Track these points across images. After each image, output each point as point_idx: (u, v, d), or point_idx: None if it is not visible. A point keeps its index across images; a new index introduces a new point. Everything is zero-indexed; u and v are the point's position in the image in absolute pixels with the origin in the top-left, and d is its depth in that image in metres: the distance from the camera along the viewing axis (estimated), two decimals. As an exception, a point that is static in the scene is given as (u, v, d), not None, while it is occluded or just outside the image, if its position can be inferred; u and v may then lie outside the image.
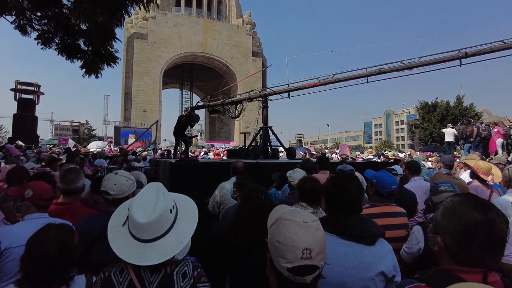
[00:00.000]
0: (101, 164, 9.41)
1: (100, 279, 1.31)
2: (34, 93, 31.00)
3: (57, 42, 7.63)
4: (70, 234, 1.64)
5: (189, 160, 7.08)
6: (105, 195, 2.23)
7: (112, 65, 8.44)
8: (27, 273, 1.46)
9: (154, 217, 1.23)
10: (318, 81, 9.80)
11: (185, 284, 1.30)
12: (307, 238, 1.01)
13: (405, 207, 2.81)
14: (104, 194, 2.22)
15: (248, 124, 14.16)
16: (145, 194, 1.31)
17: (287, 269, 0.99)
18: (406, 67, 8.28)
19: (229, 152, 11.54)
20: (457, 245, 1.07)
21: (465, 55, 7.43)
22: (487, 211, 1.05)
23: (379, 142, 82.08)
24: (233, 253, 2.05)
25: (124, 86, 44.41)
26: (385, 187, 2.53)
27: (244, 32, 52.11)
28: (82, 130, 58.46)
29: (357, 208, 1.79)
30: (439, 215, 1.16)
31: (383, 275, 1.63)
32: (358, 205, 1.80)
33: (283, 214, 1.11)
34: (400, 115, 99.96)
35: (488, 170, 3.63)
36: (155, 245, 1.24)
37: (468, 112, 38.13)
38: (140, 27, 45.27)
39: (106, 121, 45.00)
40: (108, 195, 2.20)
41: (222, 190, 3.80)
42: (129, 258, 1.22)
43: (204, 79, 55.72)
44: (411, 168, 4.22)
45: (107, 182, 2.22)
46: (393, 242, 2.46)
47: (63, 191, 2.60)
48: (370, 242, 1.66)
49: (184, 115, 9.49)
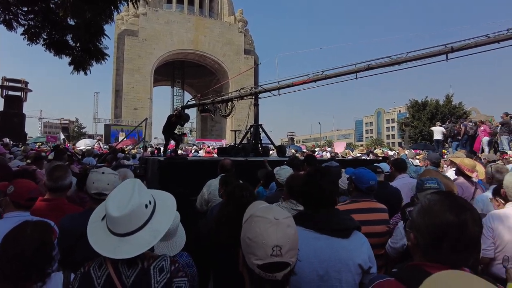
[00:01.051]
0: (89, 162, 9.31)
1: (80, 273, 1.33)
2: (21, 90, 30.49)
3: (45, 37, 7.49)
4: (47, 231, 1.63)
5: (178, 158, 7.05)
6: (99, 197, 2.18)
7: (101, 62, 8.34)
8: (2, 270, 1.45)
9: (127, 211, 1.25)
10: (308, 78, 9.84)
11: (162, 279, 1.31)
12: (278, 235, 1.01)
13: (390, 204, 2.85)
14: (98, 195, 2.18)
15: (239, 122, 14.18)
16: (121, 189, 1.34)
17: (257, 266, 1.00)
18: (395, 62, 8.37)
19: (220, 150, 11.53)
20: (428, 244, 1.10)
21: (451, 49, 7.56)
22: (461, 212, 1.05)
23: (369, 140, 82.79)
24: (216, 250, 2.06)
25: (115, 84, 43.98)
26: (363, 182, 2.57)
27: (236, 30, 51.98)
28: (71, 128, 57.72)
29: (331, 202, 1.82)
30: (415, 212, 1.18)
31: (360, 267, 1.66)
32: (332, 200, 1.83)
33: (256, 211, 1.11)
34: (390, 114, 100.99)
35: (473, 167, 3.71)
36: (129, 239, 1.26)
37: (457, 111, 38.71)
38: (131, 24, 44.82)
39: (96, 118, 44.55)
40: (104, 195, 2.16)
41: (210, 187, 3.80)
42: (105, 252, 1.24)
43: (196, 77, 55.45)
44: (397, 165, 4.27)
45: (99, 183, 2.19)
46: (373, 238, 2.49)
47: (50, 188, 2.57)
48: (345, 235, 1.69)
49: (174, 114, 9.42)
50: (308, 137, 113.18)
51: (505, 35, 6.96)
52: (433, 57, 7.95)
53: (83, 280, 1.31)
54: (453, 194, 1.20)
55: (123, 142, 16.83)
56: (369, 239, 2.43)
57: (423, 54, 8.04)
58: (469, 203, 1.15)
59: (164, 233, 1.34)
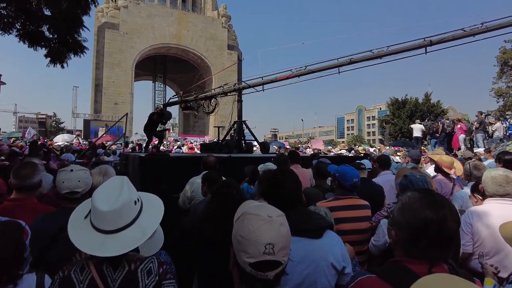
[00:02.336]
0: (68, 158, 9.03)
1: (59, 278, 1.24)
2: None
3: (18, 28, 7.18)
4: (18, 231, 1.54)
5: (160, 154, 6.92)
6: (71, 196, 2.11)
7: (79, 55, 8.09)
8: None
9: (117, 206, 1.19)
10: (291, 73, 9.84)
11: (150, 282, 1.26)
12: (271, 233, 0.99)
13: (373, 200, 2.89)
14: (70, 194, 2.11)
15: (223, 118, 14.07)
16: (109, 184, 1.29)
17: (249, 264, 0.97)
18: (376, 56, 8.49)
19: (203, 147, 11.42)
20: (407, 240, 1.13)
21: (430, 43, 7.74)
22: (439, 209, 1.09)
23: (351, 137, 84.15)
24: (201, 248, 2.03)
25: (94, 78, 42.73)
26: (347, 179, 2.58)
27: (219, 25, 51.48)
28: (49, 123, 55.86)
29: (297, 202, 1.78)
30: (396, 209, 1.22)
31: (333, 268, 1.63)
32: (298, 199, 1.80)
33: (248, 208, 1.09)
34: (371, 111, 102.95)
35: (451, 164, 3.80)
36: (116, 237, 1.20)
37: (435, 109, 39.80)
38: (111, 17, 43.60)
39: (75, 113, 43.19)
40: (76, 194, 2.11)
41: (193, 185, 3.74)
42: (89, 250, 1.17)
43: (178, 72, 54.64)
44: (381, 162, 4.33)
45: (69, 182, 2.10)
46: (357, 234, 2.53)
47: (16, 187, 2.41)
48: (317, 235, 1.66)
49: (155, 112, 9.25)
50: (291, 133, 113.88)
51: (480, 29, 7.25)
52: (412, 50, 8.12)
53: (63, 285, 1.22)
54: (432, 192, 1.23)
55: (102, 138, 16.41)
56: (352, 235, 2.46)
57: (403, 48, 8.19)
58: (448, 200, 1.19)
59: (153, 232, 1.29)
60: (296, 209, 1.72)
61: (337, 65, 9.13)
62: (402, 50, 8.23)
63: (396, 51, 8.29)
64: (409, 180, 2.37)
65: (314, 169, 3.96)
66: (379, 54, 8.44)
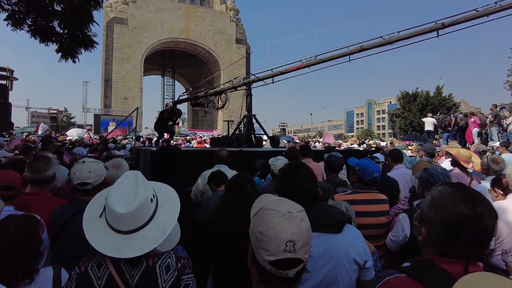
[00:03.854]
0: (80, 152, 9.13)
1: (76, 273, 1.22)
2: (7, 78, 29.61)
3: (29, 23, 7.23)
4: (34, 225, 1.54)
5: (171, 148, 6.93)
6: (82, 187, 2.12)
7: (90, 50, 8.12)
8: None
9: (134, 207, 1.16)
10: (301, 63, 9.69)
11: (169, 277, 1.23)
12: (291, 229, 0.94)
13: (388, 194, 2.83)
14: (81, 186, 2.11)
15: (231, 112, 14.08)
16: (123, 183, 1.24)
17: (269, 262, 0.93)
18: (387, 42, 8.30)
19: (213, 141, 11.41)
20: (441, 238, 1.05)
21: (442, 26, 7.50)
22: (476, 205, 1.01)
23: (360, 131, 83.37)
24: (215, 241, 2.01)
25: (104, 73, 43.10)
26: (367, 174, 2.52)
27: (227, 19, 51.26)
28: (60, 118, 56.61)
29: (312, 198, 1.73)
30: (426, 205, 1.13)
31: (355, 263, 1.59)
32: (314, 195, 1.75)
33: (267, 203, 1.04)
34: (381, 105, 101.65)
35: (469, 158, 3.69)
36: (135, 236, 1.17)
37: (447, 102, 39.06)
38: (120, 12, 43.77)
39: (86, 108, 43.73)
40: (87, 185, 2.11)
41: (205, 178, 3.72)
42: (108, 251, 1.14)
43: (187, 66, 54.75)
44: (393, 156, 4.26)
45: (80, 173, 2.11)
46: (374, 229, 2.48)
47: (30, 181, 2.43)
48: (337, 230, 1.62)
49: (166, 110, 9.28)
50: (300, 127, 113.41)
51: (494, 8, 6.97)
52: (424, 34, 7.90)
53: (81, 281, 1.19)
54: (465, 186, 1.14)
55: (113, 132, 16.56)
56: (370, 230, 2.42)
57: (415, 32, 7.97)
58: (482, 195, 1.09)
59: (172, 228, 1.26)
60: (313, 205, 1.67)
61: (348, 53, 8.95)
62: (413, 34, 8.01)
63: (408, 36, 8.08)
64: (430, 174, 2.26)
65: (325, 163, 3.90)
66: (390, 40, 8.26)
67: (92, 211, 1.30)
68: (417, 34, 7.96)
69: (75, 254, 1.48)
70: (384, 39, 8.36)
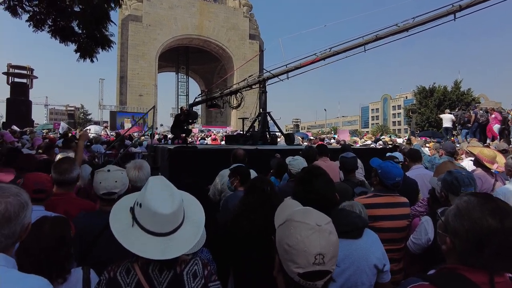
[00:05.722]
0: (98, 150, 9.33)
1: (105, 279, 1.26)
2: (27, 76, 30.48)
3: (50, 24, 7.41)
4: (66, 227, 1.59)
5: (188, 147, 7.01)
6: (108, 196, 2.08)
7: (107, 49, 8.26)
8: (23, 268, 1.42)
9: (176, 206, 1.21)
10: (316, 57, 9.54)
11: (196, 285, 1.26)
12: (321, 242, 0.95)
13: (407, 195, 2.78)
14: (108, 195, 2.08)
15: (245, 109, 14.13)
16: (156, 187, 1.27)
17: (298, 274, 0.94)
18: (402, 29, 8.10)
19: (228, 138, 11.47)
20: (467, 250, 1.04)
21: (459, 8, 7.25)
22: (505, 218, 0.99)
23: (375, 127, 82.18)
24: (236, 243, 2.02)
25: (119, 70, 43.76)
26: (390, 178, 2.47)
27: (240, 15, 51.13)
28: (77, 115, 57.93)
29: (332, 204, 1.73)
30: (451, 215, 1.10)
31: (375, 267, 1.60)
32: (332, 201, 1.75)
33: (293, 215, 1.04)
34: (397, 100, 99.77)
35: (493, 158, 3.53)
36: (175, 237, 1.21)
37: (466, 97, 38.00)
38: (134, 9, 44.25)
39: (102, 105, 44.55)
40: (113, 194, 2.08)
41: (223, 177, 3.75)
42: (154, 255, 1.17)
43: (200, 63, 54.96)
44: (412, 156, 4.17)
45: (106, 183, 2.08)
46: (395, 232, 2.45)
47: (57, 182, 2.49)
48: (357, 235, 1.63)
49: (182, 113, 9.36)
50: (314, 123, 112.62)
51: None
52: (440, 18, 7.63)
53: (110, 286, 1.23)
54: (493, 197, 1.11)
55: (130, 130, 16.85)
56: (390, 233, 2.40)
57: (430, 17, 7.71)
58: (510, 207, 1.06)
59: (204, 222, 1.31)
60: (332, 211, 1.67)
61: (363, 43, 8.77)
62: (429, 19, 7.76)
63: (423, 21, 7.83)
64: (455, 177, 2.19)
65: (340, 164, 3.87)
66: (405, 27, 8.05)
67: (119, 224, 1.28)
68: (433, 19, 7.70)
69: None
70: (399, 27, 8.16)
